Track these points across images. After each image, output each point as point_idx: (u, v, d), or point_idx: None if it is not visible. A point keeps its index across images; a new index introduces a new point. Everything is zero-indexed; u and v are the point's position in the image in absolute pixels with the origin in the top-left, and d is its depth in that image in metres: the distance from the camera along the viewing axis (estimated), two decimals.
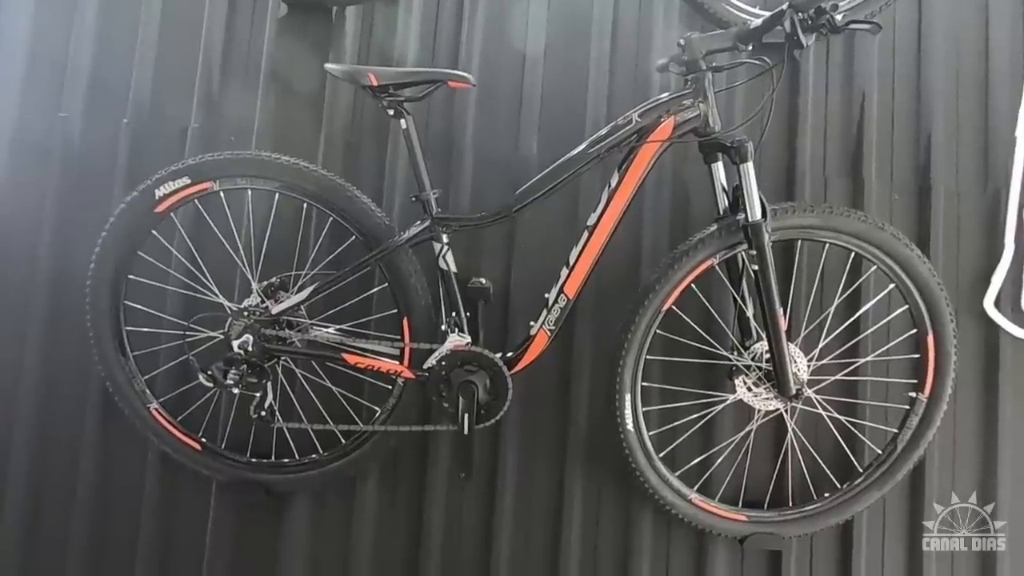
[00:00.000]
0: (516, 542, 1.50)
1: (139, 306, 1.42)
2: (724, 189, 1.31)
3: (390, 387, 1.41)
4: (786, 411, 1.38)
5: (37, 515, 1.53)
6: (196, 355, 1.38)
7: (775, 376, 1.28)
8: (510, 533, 1.50)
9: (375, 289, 1.47)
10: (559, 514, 1.50)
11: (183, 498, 1.52)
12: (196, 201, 1.36)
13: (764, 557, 1.49)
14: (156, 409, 1.42)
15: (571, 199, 1.49)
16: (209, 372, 1.29)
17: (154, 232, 1.37)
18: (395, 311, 1.37)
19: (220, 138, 1.55)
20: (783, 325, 1.25)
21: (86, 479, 1.52)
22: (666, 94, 1.26)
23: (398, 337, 1.36)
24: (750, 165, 1.20)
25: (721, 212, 1.32)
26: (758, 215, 1.20)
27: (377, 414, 1.42)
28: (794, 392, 1.28)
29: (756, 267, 1.22)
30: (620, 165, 1.26)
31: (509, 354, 1.32)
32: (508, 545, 1.50)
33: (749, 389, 1.36)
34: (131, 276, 1.38)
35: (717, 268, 1.32)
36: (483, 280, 1.40)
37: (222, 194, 1.34)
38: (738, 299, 1.34)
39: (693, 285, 1.32)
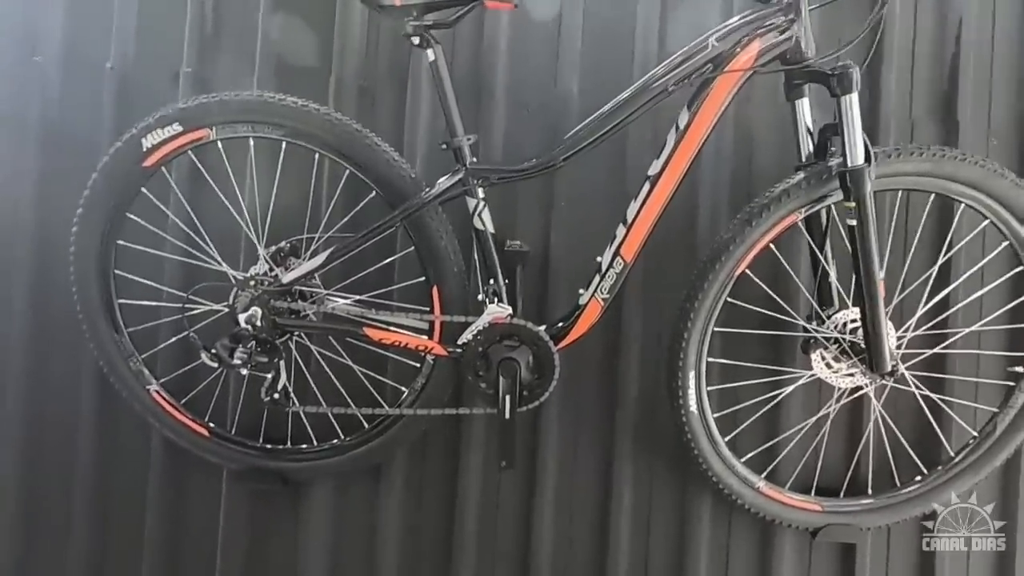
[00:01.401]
0: (559, 535, 1.36)
1: (132, 276, 1.25)
2: (809, 131, 1.11)
3: (418, 365, 1.25)
4: (872, 390, 1.20)
5: (33, 509, 1.40)
6: (198, 331, 1.22)
7: (868, 350, 1.09)
8: (552, 525, 1.36)
9: (398, 255, 1.29)
10: (606, 504, 1.35)
11: (192, 488, 1.39)
12: (191, 152, 1.17)
13: (835, 550, 1.34)
14: (156, 391, 1.27)
15: (618, 145, 1.29)
16: (213, 351, 1.12)
17: (144, 190, 1.19)
18: (422, 279, 1.20)
19: (217, 83, 1.35)
20: (882, 291, 1.06)
21: (84, 469, 1.40)
22: (749, 12, 1.04)
23: (427, 309, 1.18)
24: (855, 97, 0.99)
25: (804, 159, 1.12)
26: (860, 160, 1.00)
27: (404, 396, 1.26)
28: (890, 368, 1.10)
29: (855, 222, 1.02)
30: (690, 102, 1.06)
31: (558, 326, 1.15)
32: (550, 539, 1.36)
33: (828, 365, 1.19)
34: (121, 241, 1.21)
35: (800, 225, 1.12)
36: (519, 243, 1.22)
37: (220, 143, 1.15)
38: (821, 260, 1.15)
39: (772, 245, 1.13)
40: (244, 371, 1.13)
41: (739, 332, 1.23)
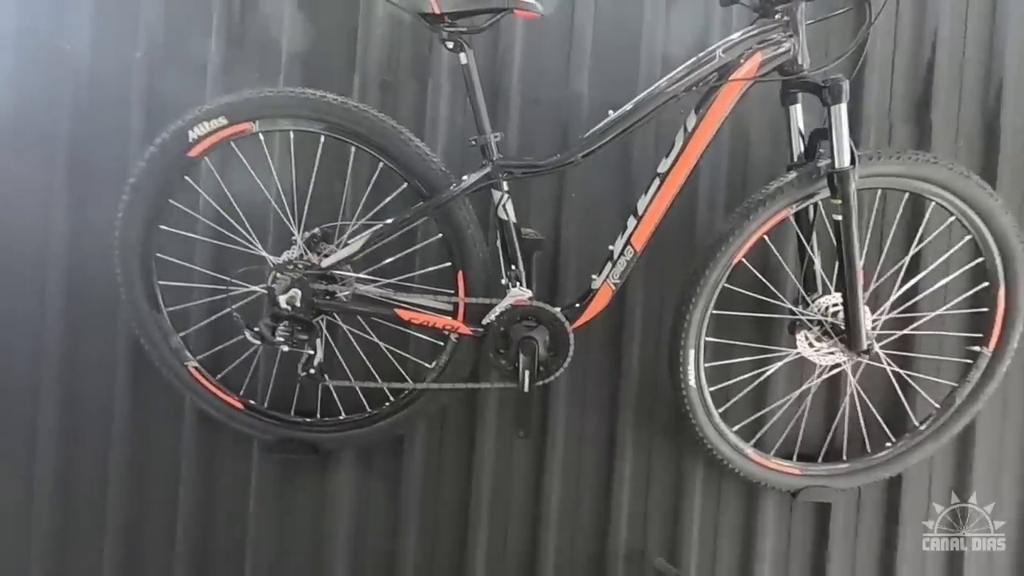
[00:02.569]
0: (566, 498, 1.49)
1: (171, 258, 1.32)
2: (801, 133, 1.23)
3: (441, 343, 1.36)
4: (849, 366, 1.35)
5: (70, 480, 1.47)
6: (224, 312, 1.30)
7: (847, 330, 1.24)
8: (560, 489, 1.48)
9: (421, 243, 1.39)
10: (610, 469, 1.48)
11: (224, 458, 1.48)
12: (233, 144, 1.24)
13: (812, 510, 1.50)
14: (195, 367, 1.35)
15: (624, 144, 1.40)
16: (256, 329, 1.21)
17: (186, 178, 1.26)
18: (446, 264, 1.30)
19: (245, 73, 1.42)
20: (861, 279, 1.20)
21: (120, 442, 1.46)
22: (752, 27, 1.15)
23: (452, 292, 1.29)
24: (843, 107, 1.11)
25: (796, 159, 1.24)
26: (847, 162, 1.13)
27: (428, 371, 1.36)
28: (865, 347, 1.24)
29: (840, 217, 1.15)
30: (698, 106, 1.17)
31: (573, 307, 1.26)
32: (558, 501, 1.48)
33: (811, 344, 1.33)
34: (162, 226, 1.28)
35: (791, 219, 1.25)
36: (534, 231, 1.33)
37: (261, 136, 1.23)
38: (808, 250, 1.28)
39: (766, 237, 1.26)
40: (285, 347, 1.22)
41: (734, 315, 1.36)
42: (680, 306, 1.28)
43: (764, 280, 1.34)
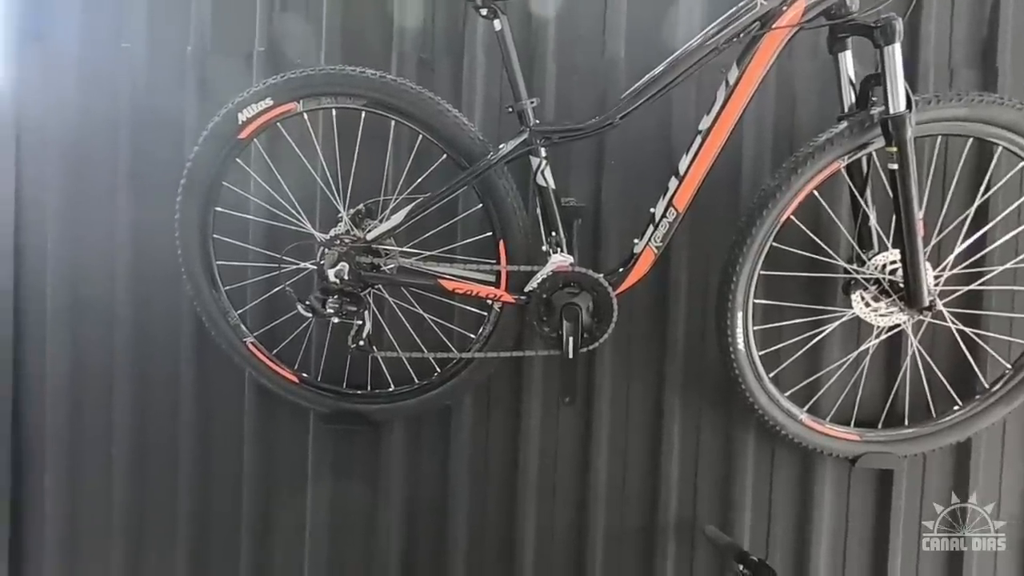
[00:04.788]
0: (614, 468, 1.49)
1: (226, 238, 1.39)
2: (852, 82, 1.18)
3: (485, 313, 1.37)
4: (910, 326, 1.29)
5: (143, 452, 1.57)
6: (276, 288, 1.36)
7: (907, 288, 1.18)
8: (607, 459, 1.48)
9: (461, 215, 1.40)
10: (657, 438, 1.47)
11: (282, 429, 1.54)
12: (280, 125, 1.28)
13: (872, 478, 1.45)
14: (252, 343, 1.41)
15: (662, 104, 1.36)
16: (308, 302, 1.26)
17: (238, 160, 1.32)
18: (485, 235, 1.31)
19: (286, 60, 1.47)
20: (921, 232, 1.14)
21: (186, 415, 1.55)
22: None
23: (494, 261, 1.30)
24: (897, 47, 1.06)
25: (847, 109, 1.19)
26: (902, 106, 1.07)
27: (473, 341, 1.38)
28: (927, 304, 1.18)
29: (896, 166, 1.10)
30: (740, 59, 1.13)
31: (617, 272, 1.25)
32: (606, 471, 1.48)
33: (867, 304, 1.27)
34: (218, 208, 1.34)
35: (842, 172, 1.20)
36: (574, 199, 1.33)
37: (305, 115, 1.27)
38: (863, 204, 1.22)
39: (815, 192, 1.21)
40: (336, 319, 1.26)
41: (784, 275, 1.32)
42: (726, 267, 1.25)
43: (815, 238, 1.29)
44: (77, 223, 1.55)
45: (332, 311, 1.24)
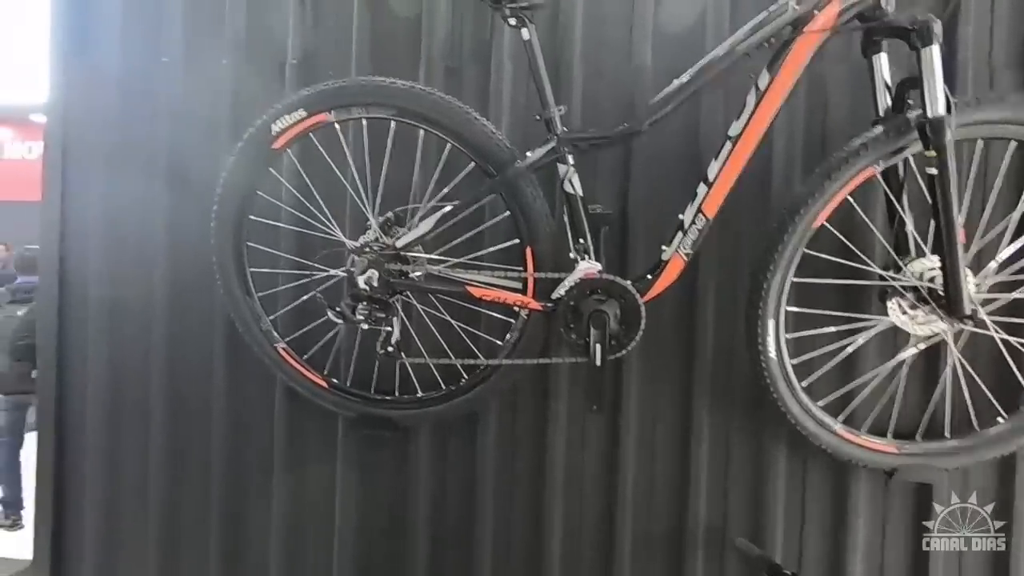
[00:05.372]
0: (641, 476, 1.47)
1: (259, 246, 1.42)
2: (887, 85, 1.15)
3: (512, 320, 1.38)
4: (950, 335, 1.25)
5: (178, 451, 1.62)
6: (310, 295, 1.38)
7: (947, 296, 1.14)
8: (635, 467, 1.46)
9: (488, 223, 1.41)
10: (686, 446, 1.45)
11: (311, 433, 1.57)
12: (312, 135, 1.31)
13: (910, 490, 1.40)
14: (283, 348, 1.44)
15: (690, 110, 1.36)
16: (338, 308, 1.28)
17: (271, 169, 1.35)
18: (512, 242, 1.32)
19: (319, 72, 1.50)
20: (961, 238, 1.10)
21: (219, 418, 1.58)
22: None
23: (520, 268, 1.30)
24: (935, 48, 1.03)
25: (881, 112, 1.16)
26: (941, 110, 1.04)
27: (500, 347, 1.39)
28: (968, 313, 1.15)
29: (935, 171, 1.07)
30: (770, 64, 1.12)
31: (645, 279, 1.24)
32: (633, 479, 1.46)
33: (904, 312, 1.24)
34: (252, 216, 1.37)
35: (877, 177, 1.17)
36: (600, 206, 1.32)
37: (336, 125, 1.29)
38: (899, 210, 1.19)
39: (849, 197, 1.19)
40: (365, 326, 1.28)
41: (817, 282, 1.29)
42: (757, 274, 1.23)
43: (850, 244, 1.26)
44: (117, 231, 1.61)
45: (361, 317, 1.26)
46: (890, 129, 1.11)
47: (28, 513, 3.80)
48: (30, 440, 3.75)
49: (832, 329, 1.32)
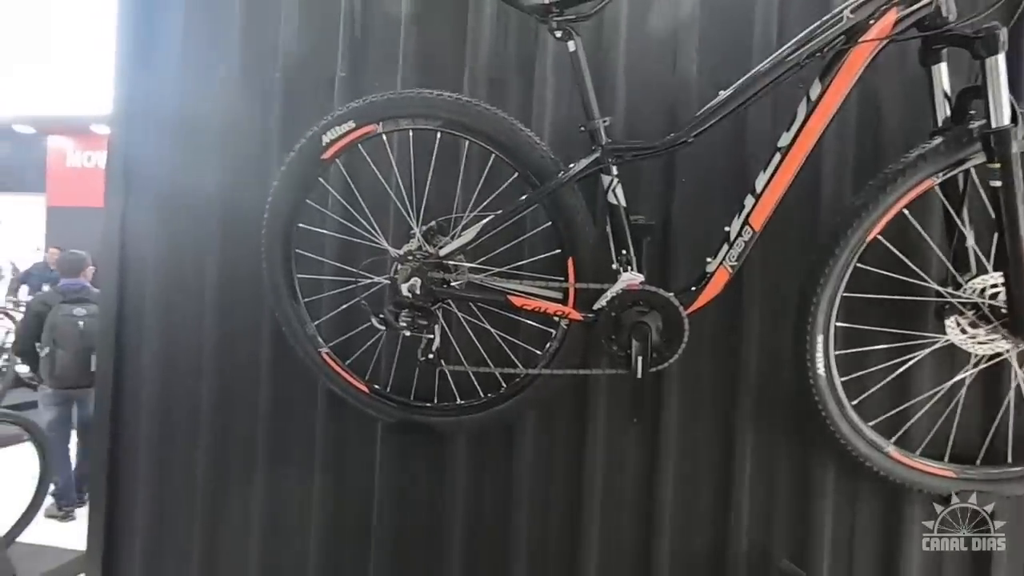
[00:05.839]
0: (681, 493, 1.44)
1: (306, 253, 1.46)
2: (947, 95, 1.11)
3: (552, 330, 1.37)
4: (1014, 355, 1.19)
5: (223, 449, 1.66)
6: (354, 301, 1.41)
7: (1011, 314, 1.09)
8: (674, 483, 1.44)
9: (529, 233, 1.42)
10: (729, 464, 1.42)
11: (352, 437, 1.59)
12: (360, 146, 1.35)
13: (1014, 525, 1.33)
14: (327, 353, 1.47)
15: (736, 122, 1.33)
16: (381, 316, 1.30)
17: (320, 179, 1.39)
18: (554, 252, 1.32)
19: (366, 84, 1.54)
20: None
21: (264, 420, 1.62)
22: None
23: (562, 278, 1.30)
24: (1001, 58, 0.99)
25: (940, 123, 1.12)
26: (1006, 120, 1.00)
27: (540, 357, 1.38)
28: None
29: (999, 183, 1.03)
30: (823, 74, 1.10)
31: (689, 291, 1.23)
32: (672, 495, 1.43)
33: (963, 331, 1.19)
34: (301, 224, 1.42)
35: (936, 189, 1.13)
36: (643, 217, 1.31)
37: (384, 136, 1.32)
38: (959, 224, 1.15)
39: (905, 210, 1.15)
40: (407, 333, 1.30)
41: (869, 297, 1.25)
42: (806, 289, 1.20)
43: (905, 259, 1.22)
44: (173, 236, 1.68)
45: (404, 324, 1.28)
46: (951, 140, 1.08)
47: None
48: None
49: (885, 346, 1.28)
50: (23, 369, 4.74)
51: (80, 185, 9.91)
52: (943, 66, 1.10)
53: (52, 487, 3.57)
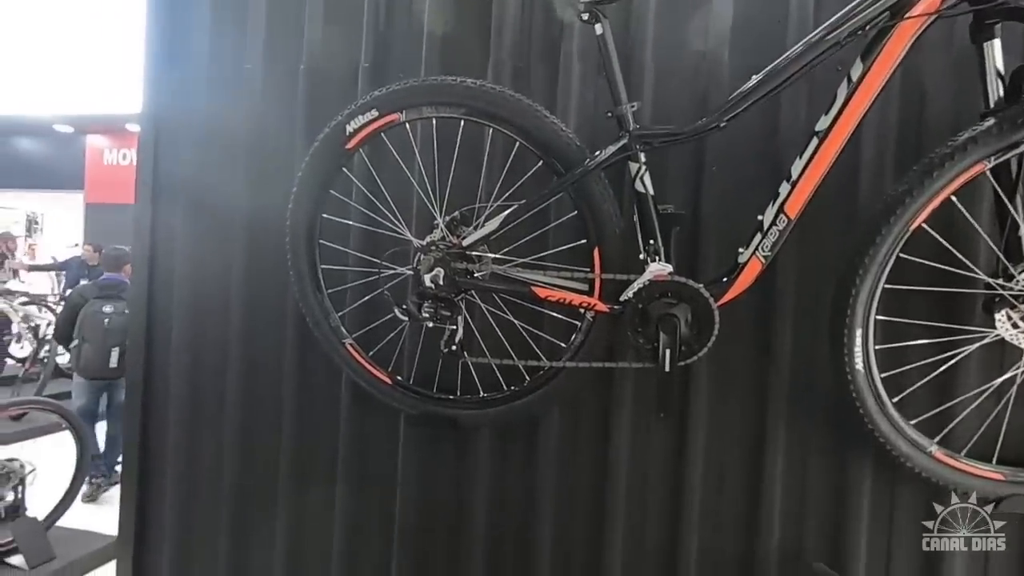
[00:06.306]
0: (709, 490, 1.40)
1: (330, 243, 1.46)
2: (999, 74, 1.05)
3: (577, 322, 1.34)
4: None
5: (249, 439, 1.67)
6: (378, 292, 1.40)
7: None
8: (702, 480, 1.40)
9: (553, 223, 1.39)
10: (759, 461, 1.37)
11: (375, 428, 1.59)
12: (383, 135, 1.34)
13: (1016, 523, 1.26)
14: (351, 344, 1.47)
15: (769, 106, 1.27)
16: (404, 306, 1.29)
17: (344, 169, 1.39)
18: (579, 242, 1.29)
19: (390, 74, 1.53)
20: None
21: (289, 413, 1.63)
22: None
23: (587, 269, 1.27)
24: None
25: (993, 104, 1.06)
26: None
27: (564, 349, 1.36)
28: None
29: None
30: (864, 53, 1.04)
31: (721, 282, 1.18)
32: (700, 493, 1.40)
33: (1015, 325, 1.12)
34: (324, 215, 1.41)
35: (987, 174, 1.07)
36: (672, 206, 1.27)
37: (407, 125, 1.31)
38: (1012, 212, 1.08)
39: (953, 197, 1.09)
40: (430, 323, 1.28)
41: (913, 289, 1.19)
42: (845, 280, 1.14)
43: (952, 248, 1.15)
44: (201, 231, 1.70)
45: (427, 315, 1.27)
46: (1004, 121, 1.01)
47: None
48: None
49: (929, 341, 1.21)
50: (63, 360, 4.93)
51: (116, 182, 10.20)
52: (996, 43, 1.03)
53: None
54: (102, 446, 4.22)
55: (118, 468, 4.04)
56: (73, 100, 8.81)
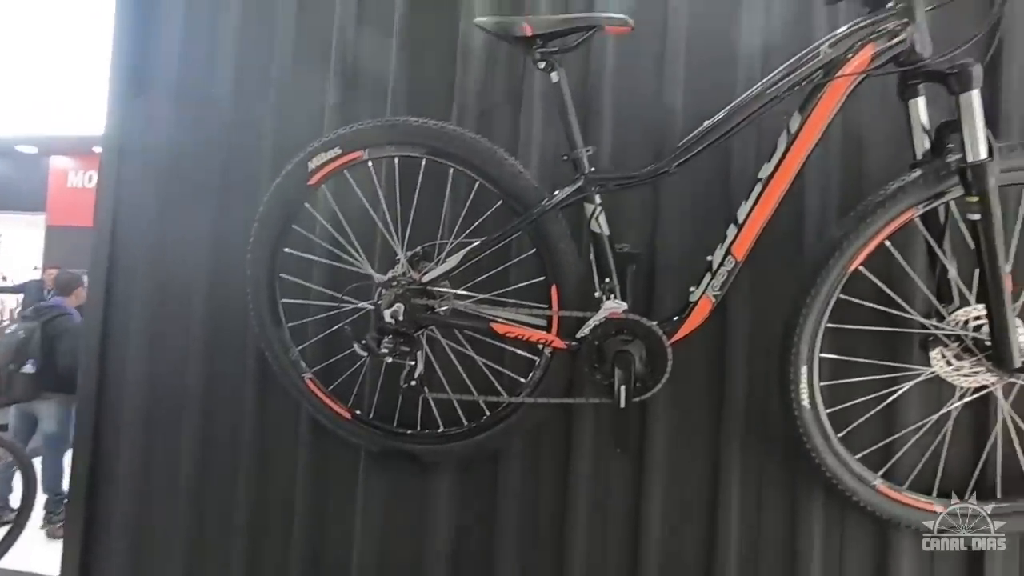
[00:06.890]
0: (667, 522, 1.41)
1: (291, 277, 1.46)
2: (925, 129, 1.12)
3: (535, 358, 1.36)
4: (999, 388, 1.18)
5: (206, 476, 1.64)
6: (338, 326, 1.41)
7: (994, 347, 1.09)
8: (660, 516, 1.41)
9: (514, 260, 1.42)
10: (714, 496, 1.39)
11: (334, 464, 1.57)
12: (346, 172, 1.35)
13: (958, 555, 1.31)
14: (310, 379, 1.46)
15: (720, 152, 1.34)
16: (364, 341, 1.29)
17: (307, 205, 1.40)
18: (538, 279, 1.32)
19: (357, 112, 1.56)
20: (1008, 286, 1.05)
21: (247, 446, 1.60)
22: (860, 20, 1.08)
23: (546, 306, 1.30)
24: (975, 94, 1.01)
25: (920, 156, 1.13)
26: (983, 154, 1.01)
27: (524, 385, 1.37)
28: (1018, 365, 1.08)
29: (978, 217, 1.03)
30: (802, 106, 1.11)
31: (672, 320, 1.22)
32: (659, 529, 1.41)
33: (949, 363, 1.18)
34: (286, 249, 1.42)
35: (917, 221, 1.14)
36: (628, 245, 1.31)
37: (370, 163, 1.33)
38: (940, 256, 1.15)
39: (887, 242, 1.15)
40: (389, 359, 1.29)
41: (853, 328, 1.24)
42: (789, 319, 1.19)
43: (888, 290, 1.22)
44: (162, 256, 1.68)
45: (386, 351, 1.27)
46: (929, 173, 1.09)
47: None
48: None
49: (871, 378, 1.27)
50: None
51: (80, 204, 9.95)
52: (920, 100, 1.11)
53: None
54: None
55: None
56: (38, 120, 8.62)
